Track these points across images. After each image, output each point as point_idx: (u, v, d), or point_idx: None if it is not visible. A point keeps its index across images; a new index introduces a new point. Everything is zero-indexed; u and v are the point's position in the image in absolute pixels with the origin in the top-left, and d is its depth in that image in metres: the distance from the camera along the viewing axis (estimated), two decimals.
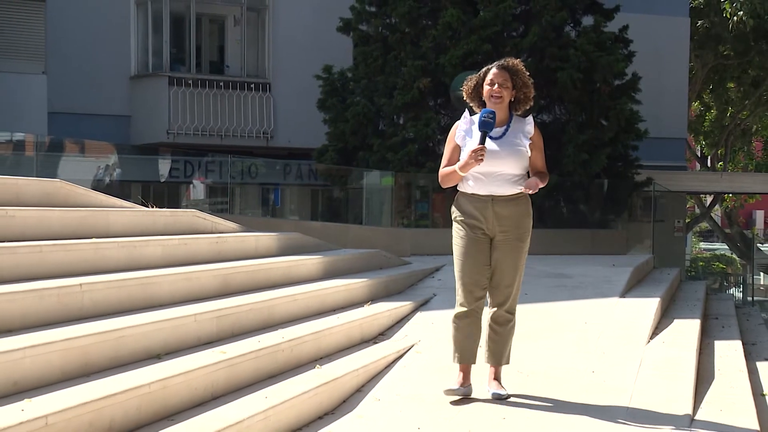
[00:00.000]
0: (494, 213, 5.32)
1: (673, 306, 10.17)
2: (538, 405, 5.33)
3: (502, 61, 5.39)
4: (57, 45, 17.75)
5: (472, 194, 5.38)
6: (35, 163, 13.85)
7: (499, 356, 5.46)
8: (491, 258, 5.38)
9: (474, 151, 5.17)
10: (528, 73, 5.43)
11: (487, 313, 5.45)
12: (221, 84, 19.01)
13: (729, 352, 7.72)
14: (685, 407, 5.35)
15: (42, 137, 15.28)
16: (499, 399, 5.32)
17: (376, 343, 6.86)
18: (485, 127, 5.21)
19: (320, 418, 5.10)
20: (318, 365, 5.78)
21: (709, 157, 32.75)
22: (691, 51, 24.91)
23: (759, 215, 51.72)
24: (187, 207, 14.56)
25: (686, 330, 8.06)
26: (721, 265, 35.10)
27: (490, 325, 5.43)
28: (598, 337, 7.25)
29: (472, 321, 5.40)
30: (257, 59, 19.85)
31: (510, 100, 5.38)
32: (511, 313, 5.46)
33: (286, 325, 6.34)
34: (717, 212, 36.75)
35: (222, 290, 6.54)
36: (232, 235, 7.91)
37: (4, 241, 5.57)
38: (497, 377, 5.48)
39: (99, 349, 4.66)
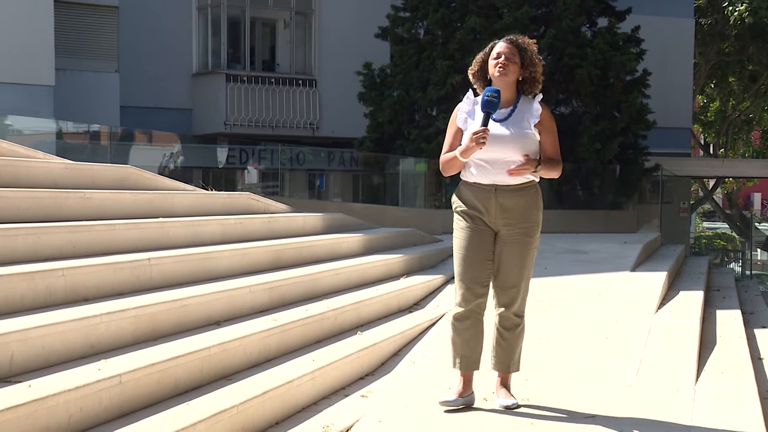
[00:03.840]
0: (498, 204, 4.26)
1: (678, 279, 10.09)
2: (556, 367, 5.30)
3: (511, 36, 4.37)
4: (128, 46, 17.87)
5: (474, 183, 4.31)
6: (109, 151, 13.95)
7: (506, 363, 4.41)
8: (495, 254, 4.32)
9: (475, 133, 4.12)
10: (539, 56, 4.38)
11: (493, 314, 4.41)
12: (272, 80, 19.08)
13: (729, 321, 7.65)
14: (689, 370, 5.30)
15: (115, 128, 15.39)
16: (509, 409, 4.31)
17: (411, 312, 6.85)
18: (488, 107, 4.16)
19: (361, 378, 5.10)
20: (359, 332, 5.77)
21: (711, 145, 32.35)
22: (695, 48, 24.54)
23: (756, 197, 51.00)
24: (242, 190, 14.62)
25: (691, 300, 7.99)
26: (722, 243, 34.66)
27: (496, 328, 4.39)
28: (611, 307, 7.20)
29: (473, 323, 4.35)
30: (305, 58, 19.86)
31: (518, 79, 4.31)
32: (519, 316, 4.38)
33: (331, 296, 6.34)
34: (718, 195, 36.36)
35: (274, 264, 6.54)
36: (282, 215, 7.92)
37: (81, 220, 5.62)
38: (505, 385, 4.44)
39: (166, 316, 4.69)
